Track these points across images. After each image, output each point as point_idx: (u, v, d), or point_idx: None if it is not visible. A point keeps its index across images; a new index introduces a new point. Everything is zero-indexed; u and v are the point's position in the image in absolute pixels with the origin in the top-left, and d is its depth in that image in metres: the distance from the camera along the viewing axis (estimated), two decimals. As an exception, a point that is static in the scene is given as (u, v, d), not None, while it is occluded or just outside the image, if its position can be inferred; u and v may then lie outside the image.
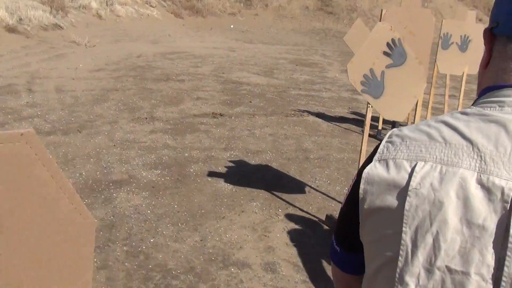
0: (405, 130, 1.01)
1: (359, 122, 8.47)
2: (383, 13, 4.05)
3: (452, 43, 7.19)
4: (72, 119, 7.15)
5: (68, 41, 13.91)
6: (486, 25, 1.10)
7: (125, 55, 13.25)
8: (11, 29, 12.61)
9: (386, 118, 4.21)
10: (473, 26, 7.48)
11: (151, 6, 21.69)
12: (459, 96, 7.87)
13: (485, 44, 1.06)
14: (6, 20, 12.61)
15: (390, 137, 1.02)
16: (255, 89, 10.61)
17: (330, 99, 10.26)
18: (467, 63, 7.45)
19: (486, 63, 1.05)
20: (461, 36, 7.23)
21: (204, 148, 6.41)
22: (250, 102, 9.32)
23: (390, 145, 0.99)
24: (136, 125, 7.13)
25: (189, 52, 15.17)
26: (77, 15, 16.73)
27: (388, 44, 4.04)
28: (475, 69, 7.71)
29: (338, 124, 8.30)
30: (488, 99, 0.98)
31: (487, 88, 1.02)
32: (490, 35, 1.03)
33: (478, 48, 7.62)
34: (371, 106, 4.16)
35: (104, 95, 8.71)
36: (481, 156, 0.88)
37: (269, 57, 16.16)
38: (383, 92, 4.09)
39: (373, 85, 4.05)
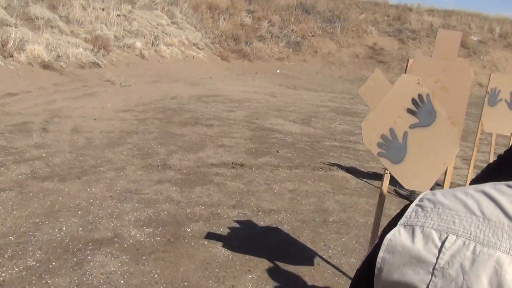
0: (439, 195, 0.88)
1: (393, 179, 7.64)
2: (409, 63, 3.34)
3: (501, 99, 6.36)
4: (77, 163, 6.64)
5: (103, 79, 13.71)
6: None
7: (159, 96, 12.89)
8: (46, 66, 12.49)
9: (407, 187, 3.44)
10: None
11: (198, 48, 21.57)
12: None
13: None
14: (42, 56, 12.51)
15: (421, 200, 0.90)
16: (286, 137, 9.95)
17: (366, 153, 9.46)
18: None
19: None
20: (511, 92, 6.39)
21: (211, 204, 5.73)
22: (278, 152, 8.64)
23: (419, 209, 0.87)
24: (144, 173, 6.55)
25: (227, 95, 14.73)
26: (120, 54, 16.63)
27: (413, 101, 3.32)
28: (508, 130, 6.82)
29: (369, 181, 7.49)
30: None
31: None
32: None
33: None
34: (388, 173, 3.41)
35: (121, 138, 8.22)
36: None
37: (310, 104, 15.53)
38: (405, 157, 3.34)
39: (393, 148, 3.31)
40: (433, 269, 0.80)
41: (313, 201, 6.29)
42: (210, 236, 4.88)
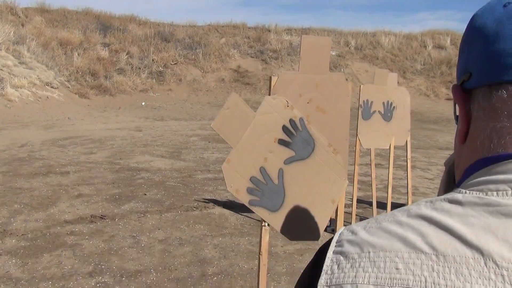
0: (361, 232, 0.67)
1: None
2: (273, 81, 2.65)
3: (374, 111, 5.97)
4: None
5: None
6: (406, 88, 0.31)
7: (4, 146, 11.36)
8: None
9: (292, 239, 2.72)
10: (395, 90, 6.33)
11: (52, 87, 19.92)
12: (388, 166, 6.66)
13: (459, 107, 0.77)
14: None
15: (339, 244, 0.68)
16: (154, 176, 9.01)
17: (242, 182, 8.80)
18: (393, 134, 6.23)
19: (464, 133, 0.76)
20: (383, 103, 6.03)
21: (62, 276, 4.67)
22: (145, 195, 7.69)
23: (342, 258, 0.65)
24: (-24, 246, 5.32)
25: (86, 136, 13.46)
26: (-42, 103, 14.74)
27: (285, 129, 2.63)
28: (401, 140, 6.52)
29: (249, 215, 6.79)
30: (487, 178, 0.67)
31: (477, 162, 0.71)
32: (463, 93, 0.76)
33: (404, 116, 6.45)
34: (267, 225, 2.68)
35: (-49, 203, 6.83)
36: (502, 276, 0.55)
37: (179, 134, 14.70)
38: (284, 202, 2.63)
39: (268, 192, 2.59)
40: None
41: (189, 251, 5.45)
42: (59, 322, 3.86)
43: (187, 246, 5.58)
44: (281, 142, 2.60)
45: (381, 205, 7.27)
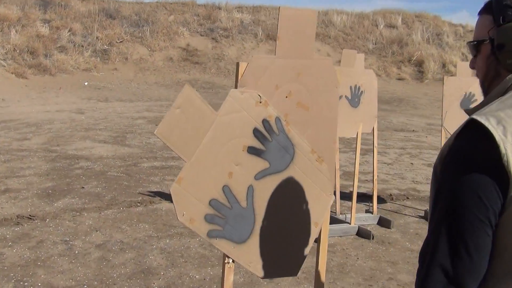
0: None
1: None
2: (241, 68, 1.94)
3: (341, 96, 5.35)
4: None
5: None
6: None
7: None
8: None
9: (264, 277, 2.05)
10: (363, 73, 5.72)
11: (-15, 66, 18.46)
12: (355, 156, 6.09)
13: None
14: None
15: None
16: (95, 165, 8.16)
17: (193, 172, 8.07)
18: (361, 121, 5.63)
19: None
20: (350, 87, 5.41)
21: (-26, 298, 3.87)
22: (83, 188, 6.86)
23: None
24: None
25: (21, 119, 12.36)
26: None
27: (257, 133, 1.93)
28: (369, 127, 5.94)
29: (201, 212, 6.08)
30: None
31: None
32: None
33: (371, 101, 5.86)
34: (231, 261, 1.98)
35: None
36: None
37: (124, 117, 13.77)
38: (254, 229, 1.95)
39: (233, 218, 1.92)
40: None
41: (131, 258, 4.71)
42: None
43: (129, 252, 4.84)
44: (252, 150, 1.92)
45: (343, 196, 6.72)
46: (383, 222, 5.97)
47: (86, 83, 20.79)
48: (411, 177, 8.61)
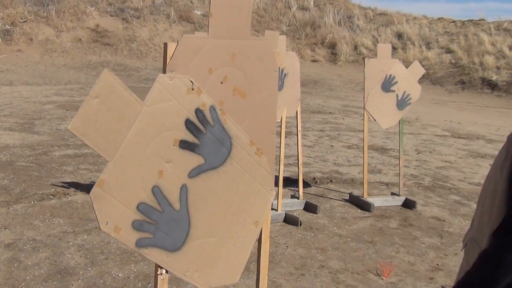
0: None
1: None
2: (170, 49, 1.69)
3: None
4: None
5: None
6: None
7: None
8: None
9: (202, 287, 1.83)
10: (286, 55, 5.58)
11: None
12: (280, 142, 5.92)
13: None
14: None
15: None
16: (0, 155, 7.56)
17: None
18: (285, 105, 5.51)
19: None
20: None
21: None
22: (-13, 181, 6.32)
23: None
24: None
25: None
26: None
27: (189, 124, 1.71)
28: (292, 111, 5.83)
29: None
30: None
31: None
32: None
33: (294, 84, 5.74)
34: (165, 272, 1.75)
35: None
36: None
37: (31, 102, 12.95)
38: (189, 234, 1.73)
39: (165, 223, 1.70)
40: None
41: (45, 257, 4.34)
42: None
43: (43, 251, 4.46)
44: (184, 145, 1.70)
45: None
46: (310, 207, 5.90)
47: (-13, 66, 19.44)
48: (333, 159, 8.65)
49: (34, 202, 5.69)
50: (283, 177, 6.67)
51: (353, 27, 27.73)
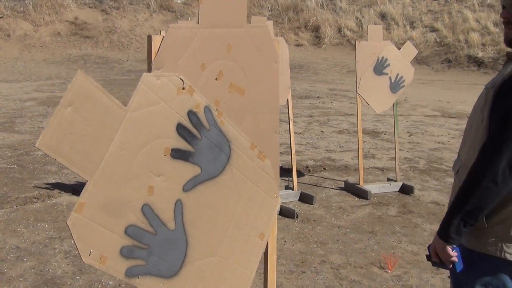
0: None
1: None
2: (155, 41, 1.44)
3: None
4: None
5: None
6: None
7: None
8: None
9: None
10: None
11: None
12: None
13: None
14: None
15: None
16: (-20, 158, 7.26)
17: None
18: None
19: None
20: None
21: None
22: (-33, 186, 6.03)
23: None
24: None
25: None
26: None
27: (181, 130, 1.47)
28: (282, 99, 5.61)
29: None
30: None
31: None
32: None
33: (283, 71, 5.50)
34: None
35: None
36: None
37: (11, 100, 12.59)
38: (187, 255, 1.50)
39: (159, 246, 1.47)
40: None
41: (30, 267, 4.09)
42: None
43: (27, 260, 4.21)
44: (177, 154, 1.46)
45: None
46: (305, 198, 5.69)
47: (-36, 64, 18.95)
48: (324, 145, 8.44)
49: (16, 206, 5.42)
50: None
51: (336, 9, 27.42)
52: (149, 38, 1.42)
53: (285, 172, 6.60)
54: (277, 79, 1.77)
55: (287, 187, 6.05)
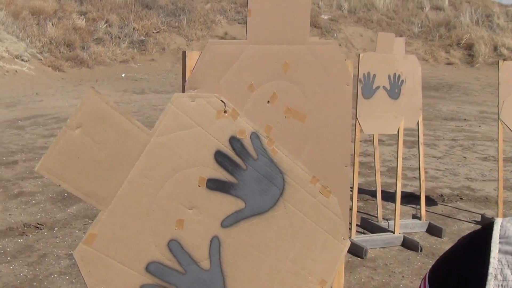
0: None
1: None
2: (189, 59, 1.30)
3: (378, 87, 4.63)
4: None
5: None
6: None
7: (-47, 129, 9.99)
8: None
9: None
10: (404, 59, 4.97)
11: (22, 60, 18.39)
12: (397, 157, 5.43)
13: None
14: None
15: (507, 241, 0.60)
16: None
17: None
18: (402, 115, 4.90)
19: None
20: (389, 76, 4.68)
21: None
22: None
23: None
24: None
25: (52, 114, 12.08)
26: None
27: (221, 158, 1.29)
28: (412, 122, 5.22)
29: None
30: None
31: None
32: None
33: (414, 91, 5.12)
34: None
35: None
36: None
37: (158, 109, 13.28)
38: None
39: (186, 286, 1.26)
40: None
41: None
42: None
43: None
44: (214, 185, 1.29)
45: (386, 196, 6.01)
46: (433, 230, 5.22)
47: (123, 75, 20.54)
48: (465, 173, 7.77)
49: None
50: (404, 193, 6.04)
51: (493, 26, 25.69)
52: (184, 54, 1.27)
53: (415, 198, 6.14)
54: (349, 103, 1.53)
55: (414, 216, 5.60)
